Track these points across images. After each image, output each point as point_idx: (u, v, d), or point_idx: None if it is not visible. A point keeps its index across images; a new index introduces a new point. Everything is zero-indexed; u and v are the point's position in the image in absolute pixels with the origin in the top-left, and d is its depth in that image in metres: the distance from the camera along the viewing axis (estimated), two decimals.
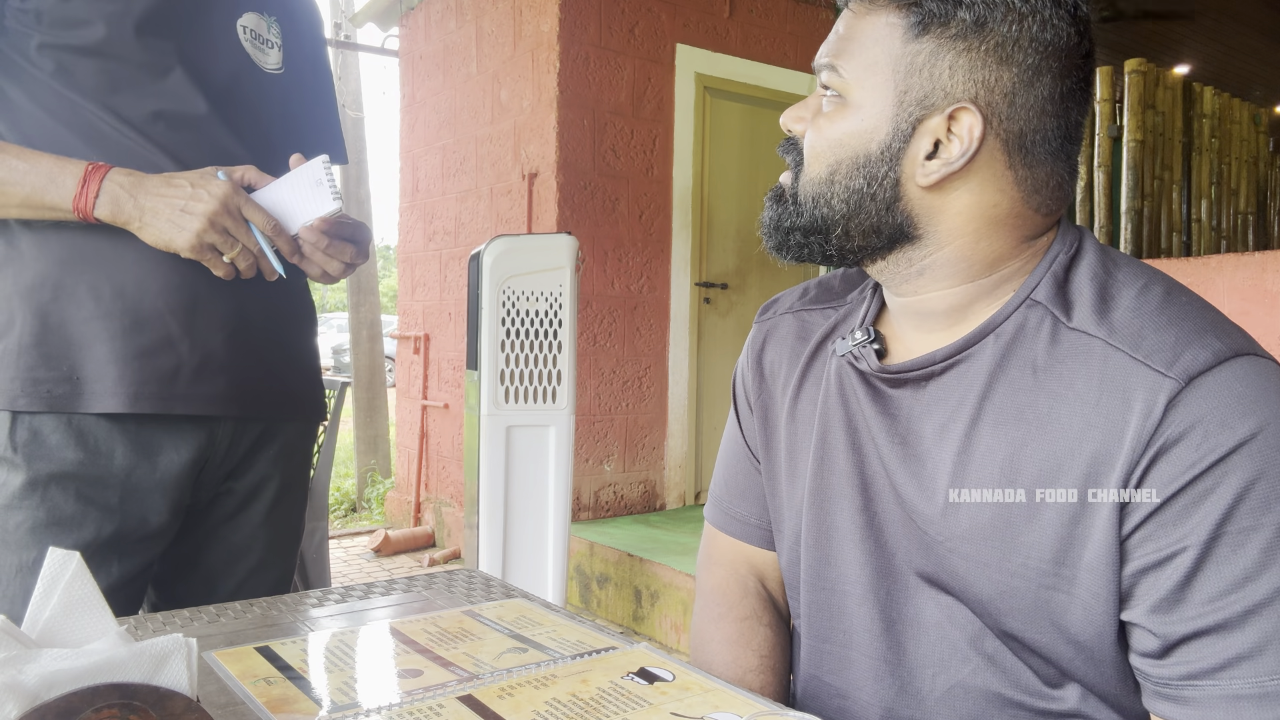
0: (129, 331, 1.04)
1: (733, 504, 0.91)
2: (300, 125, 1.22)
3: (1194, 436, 0.59)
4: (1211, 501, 0.59)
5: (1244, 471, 0.58)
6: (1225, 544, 0.59)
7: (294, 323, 1.22)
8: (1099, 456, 0.62)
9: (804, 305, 0.87)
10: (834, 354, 0.79)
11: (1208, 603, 0.59)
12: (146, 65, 1.04)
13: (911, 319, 0.75)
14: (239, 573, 1.19)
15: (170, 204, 1.00)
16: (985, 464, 0.67)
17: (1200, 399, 0.59)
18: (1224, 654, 0.59)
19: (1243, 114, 4.86)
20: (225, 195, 1.01)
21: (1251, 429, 0.58)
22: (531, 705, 0.59)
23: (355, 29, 6.34)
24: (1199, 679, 0.60)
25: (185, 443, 1.09)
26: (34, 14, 1.01)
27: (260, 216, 1.04)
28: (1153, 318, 0.64)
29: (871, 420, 0.75)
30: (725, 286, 4.35)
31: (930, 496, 0.70)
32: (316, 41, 1.29)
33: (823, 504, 0.78)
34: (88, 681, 0.45)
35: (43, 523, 1.02)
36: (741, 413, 0.91)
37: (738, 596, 0.88)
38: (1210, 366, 0.60)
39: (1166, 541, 0.60)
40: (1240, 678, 0.58)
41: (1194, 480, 0.59)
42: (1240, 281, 2.54)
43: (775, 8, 4.42)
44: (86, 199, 0.99)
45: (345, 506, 5.82)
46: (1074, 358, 0.65)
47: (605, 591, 3.49)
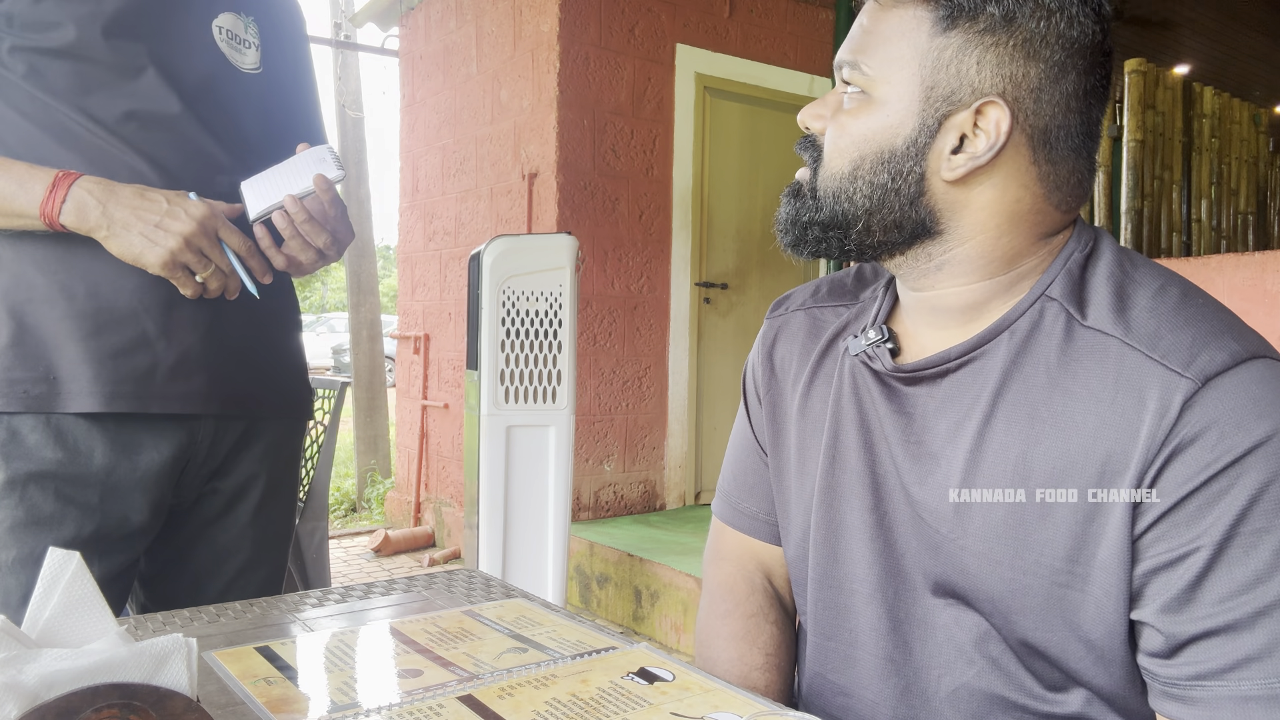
0: (103, 331, 1.04)
1: (741, 499, 0.91)
2: (280, 124, 1.21)
3: (1209, 437, 0.59)
4: (1225, 503, 0.59)
5: (1259, 474, 0.58)
6: (1238, 545, 0.59)
7: (276, 320, 1.21)
8: (1113, 455, 0.62)
9: (816, 303, 0.87)
10: (846, 352, 0.79)
11: (1218, 603, 0.59)
12: (117, 66, 1.04)
13: (926, 315, 0.75)
14: (227, 572, 1.19)
15: (143, 218, 0.99)
16: (998, 462, 0.67)
17: (1216, 400, 0.59)
18: (1233, 655, 0.59)
19: (1243, 114, 4.86)
20: (203, 217, 1.01)
21: (1267, 431, 0.58)
22: (531, 705, 0.59)
23: (355, 29, 6.34)
24: (1207, 679, 0.60)
25: (165, 441, 1.09)
26: (5, 17, 1.02)
27: (236, 239, 1.04)
28: (1169, 318, 0.64)
29: (885, 419, 0.75)
30: (725, 286, 4.35)
31: (942, 494, 0.70)
32: (298, 40, 1.28)
33: (833, 502, 0.78)
34: (88, 681, 0.45)
35: (21, 522, 1.02)
36: (751, 408, 0.91)
37: (745, 593, 0.88)
38: (1227, 368, 0.60)
39: (1179, 542, 0.60)
40: (1249, 679, 0.58)
41: (1208, 481, 0.59)
42: (1240, 281, 2.54)
43: (775, 8, 4.42)
44: (53, 205, 0.98)
45: (345, 506, 5.82)
46: (1089, 356, 0.65)
47: (605, 591, 3.49)
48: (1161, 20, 5.59)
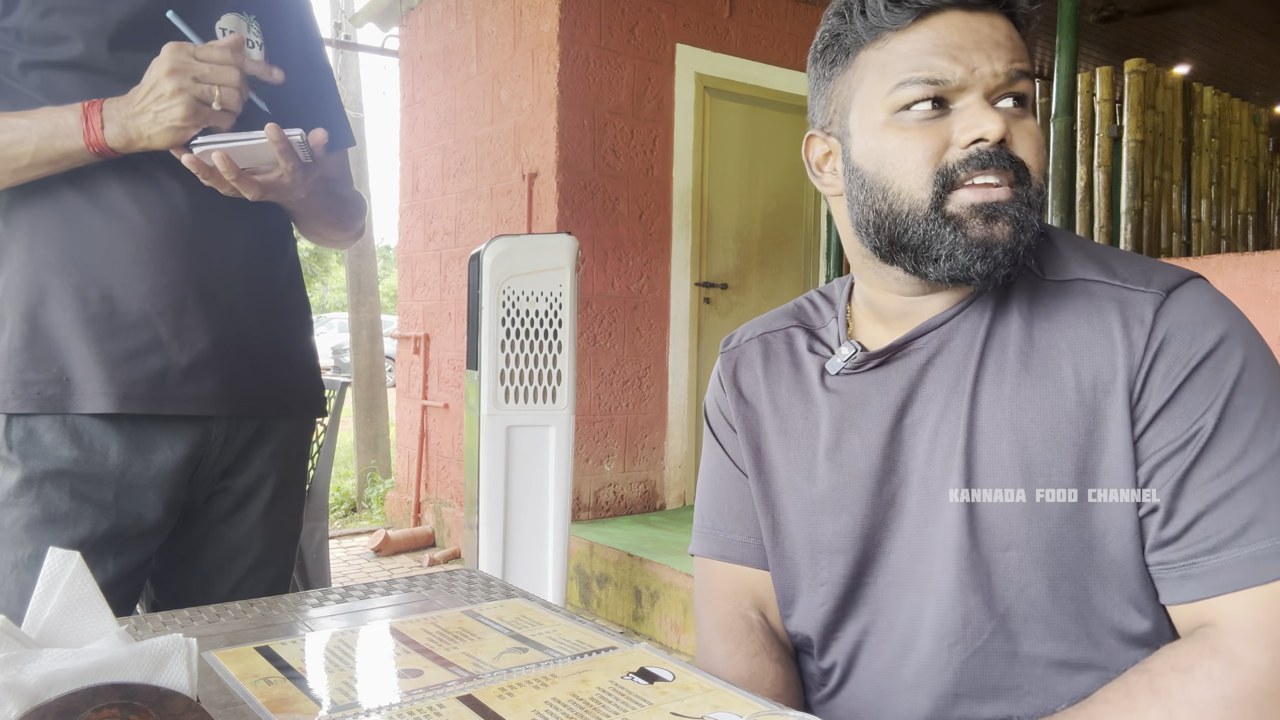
0: (117, 334, 1.05)
1: (727, 528, 0.90)
2: (292, 120, 1.21)
3: (1184, 335, 0.68)
4: (1212, 389, 0.67)
5: (1234, 361, 0.67)
6: (1227, 423, 0.66)
7: (287, 319, 1.22)
8: (1100, 370, 0.69)
9: (765, 328, 0.91)
10: (827, 372, 0.83)
11: (1216, 477, 0.66)
12: (125, 76, 1.04)
13: (893, 313, 0.80)
14: (237, 571, 1.19)
15: (148, 103, 0.99)
16: (994, 415, 0.72)
17: (1180, 306, 0.69)
18: (1237, 521, 0.65)
19: (1243, 114, 4.86)
20: (170, 56, 1.00)
21: (1227, 326, 0.68)
22: (531, 705, 0.59)
23: (355, 29, 6.35)
24: (1220, 549, 0.65)
25: (179, 440, 1.09)
26: (14, 32, 1.03)
27: (215, 51, 1.02)
28: (1110, 256, 0.74)
29: (879, 411, 0.78)
30: (725, 286, 4.35)
31: (949, 459, 0.73)
32: (305, 34, 1.28)
33: (848, 507, 0.79)
34: (88, 681, 0.45)
35: (38, 519, 1.02)
36: (724, 437, 0.92)
37: (743, 632, 0.86)
38: (1181, 282, 0.70)
39: (1176, 432, 0.67)
40: (1257, 539, 0.65)
41: (1193, 373, 0.67)
42: (1240, 281, 2.54)
43: (775, 8, 4.42)
44: (94, 132, 0.99)
45: (345, 506, 5.82)
46: (1058, 299, 0.73)
47: (605, 591, 3.49)
48: (1162, 21, 5.59)
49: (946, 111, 0.70)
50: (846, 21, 0.74)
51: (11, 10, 1.02)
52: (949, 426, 0.74)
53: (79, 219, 1.05)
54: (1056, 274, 0.74)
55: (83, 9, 1.04)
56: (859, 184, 0.75)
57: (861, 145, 0.74)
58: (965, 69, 0.69)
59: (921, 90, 0.70)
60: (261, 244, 1.17)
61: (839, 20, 0.75)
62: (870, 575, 0.79)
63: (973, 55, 0.69)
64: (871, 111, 0.73)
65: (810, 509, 0.82)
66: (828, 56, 0.77)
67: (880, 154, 0.72)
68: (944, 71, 0.69)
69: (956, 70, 0.69)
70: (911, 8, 0.70)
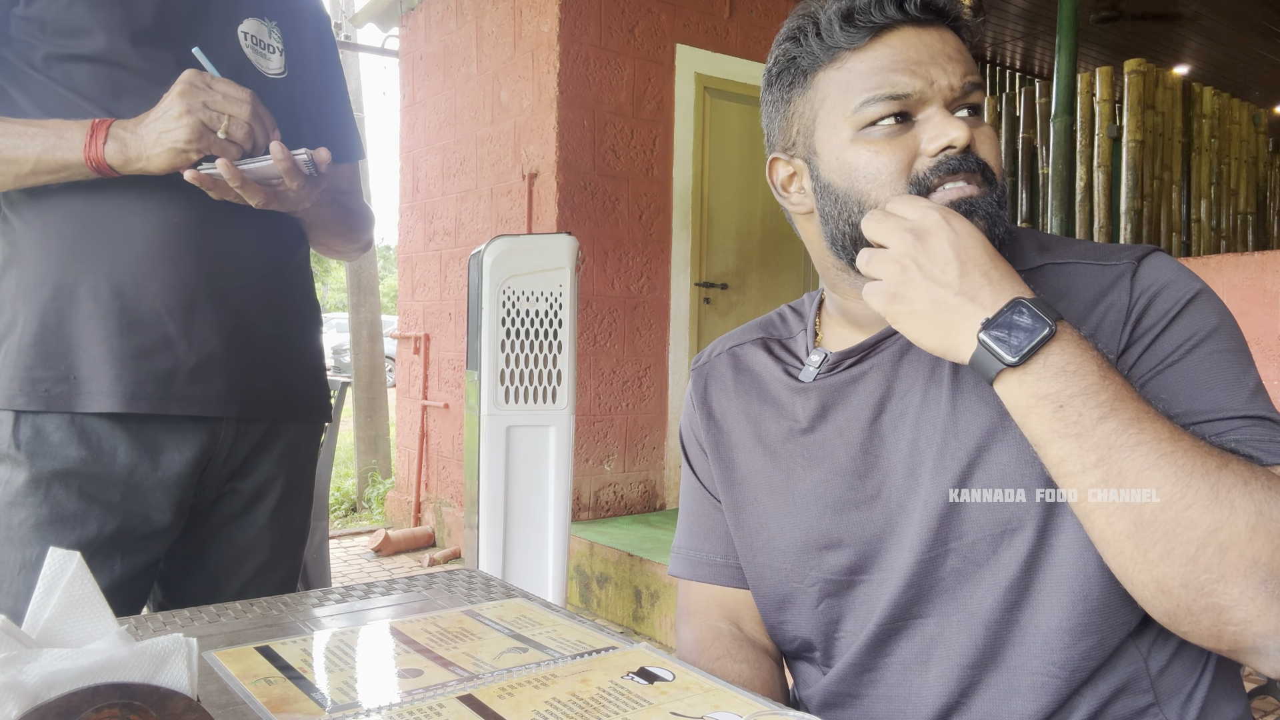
0: (125, 332, 1.05)
1: (700, 550, 0.92)
2: (308, 128, 1.22)
3: (1164, 293, 0.71)
4: (1193, 327, 0.69)
5: (1211, 311, 0.70)
6: (1206, 345, 0.69)
7: (297, 322, 1.22)
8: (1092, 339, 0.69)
9: (735, 341, 0.93)
10: (801, 380, 0.84)
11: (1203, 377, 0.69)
12: (147, 73, 1.05)
13: (854, 319, 0.83)
14: (245, 573, 1.19)
15: (154, 123, 1.01)
16: (978, 401, 0.73)
17: (1152, 271, 0.73)
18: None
19: (1242, 114, 4.86)
20: (185, 79, 1.01)
21: (1198, 287, 0.72)
22: (531, 705, 0.59)
23: (355, 29, 6.35)
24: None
25: (187, 442, 1.09)
26: (37, 22, 1.03)
27: (231, 86, 1.03)
28: (1072, 243, 0.78)
29: (858, 408, 0.79)
30: (725, 286, 4.35)
31: (934, 447, 0.74)
32: (323, 42, 1.28)
33: (832, 503, 0.80)
34: (88, 681, 0.45)
35: (46, 520, 1.02)
36: (695, 461, 0.93)
37: (709, 642, 0.87)
38: (1146, 254, 0.74)
39: (1155, 359, 0.69)
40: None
41: (1177, 315, 0.70)
42: (1240, 281, 2.54)
43: (775, 8, 4.42)
44: (95, 148, 1.00)
45: (345, 506, 5.82)
46: (1031, 283, 0.71)
47: (605, 591, 3.49)
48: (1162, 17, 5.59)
49: (910, 124, 0.73)
50: (801, 45, 0.77)
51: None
52: (930, 414, 0.74)
53: (92, 216, 1.05)
54: (1024, 264, 0.76)
55: (107, 2, 1.04)
56: (832, 200, 0.77)
57: (830, 163, 0.76)
58: (924, 82, 0.72)
59: (886, 106, 0.72)
60: (273, 246, 1.17)
61: (793, 44, 0.78)
62: (864, 570, 0.79)
63: (929, 69, 0.72)
64: (837, 129, 0.75)
65: (793, 509, 0.82)
66: (784, 80, 0.79)
67: (851, 169, 0.74)
68: (905, 86, 0.72)
69: (916, 84, 0.72)
70: (866, 27, 0.72)
